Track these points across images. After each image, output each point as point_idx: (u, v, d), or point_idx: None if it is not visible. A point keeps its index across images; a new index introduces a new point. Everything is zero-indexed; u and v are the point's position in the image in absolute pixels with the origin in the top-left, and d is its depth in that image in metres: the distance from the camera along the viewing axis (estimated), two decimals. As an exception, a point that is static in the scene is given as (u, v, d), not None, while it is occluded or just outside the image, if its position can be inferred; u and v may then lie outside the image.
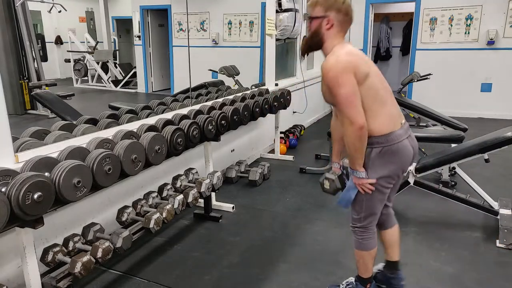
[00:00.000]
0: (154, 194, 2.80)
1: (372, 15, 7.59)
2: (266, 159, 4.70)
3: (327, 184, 2.04)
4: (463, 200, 2.99)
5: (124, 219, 2.54)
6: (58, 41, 8.96)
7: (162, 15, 8.07)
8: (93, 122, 2.76)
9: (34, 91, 5.11)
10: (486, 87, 6.78)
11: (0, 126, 1.84)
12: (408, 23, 8.71)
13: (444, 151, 3.17)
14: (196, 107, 3.34)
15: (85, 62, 8.75)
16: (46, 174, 1.82)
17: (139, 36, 8.32)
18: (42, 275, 2.01)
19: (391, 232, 2.11)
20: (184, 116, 3.00)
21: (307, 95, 6.11)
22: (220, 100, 3.75)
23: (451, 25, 6.81)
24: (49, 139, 2.30)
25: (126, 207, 2.60)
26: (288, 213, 3.28)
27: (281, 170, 4.30)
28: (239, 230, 2.99)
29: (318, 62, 7.25)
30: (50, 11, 7.06)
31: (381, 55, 9.23)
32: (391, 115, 1.82)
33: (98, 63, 8.92)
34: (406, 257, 2.57)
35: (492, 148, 2.83)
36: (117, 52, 9.82)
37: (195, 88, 4.40)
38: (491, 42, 6.53)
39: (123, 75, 9.09)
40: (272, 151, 4.89)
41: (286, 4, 5.14)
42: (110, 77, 9.10)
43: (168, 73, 8.01)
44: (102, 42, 9.44)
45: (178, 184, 3.02)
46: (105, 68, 9.07)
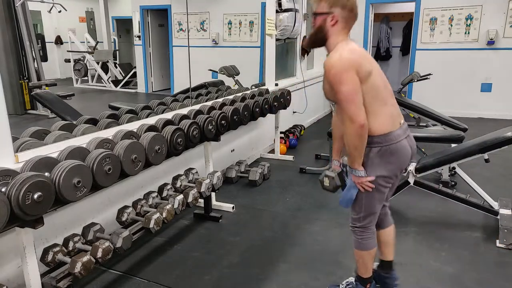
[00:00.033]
0: (154, 194, 2.80)
1: (372, 15, 7.59)
2: (266, 159, 4.70)
3: (326, 182, 2.03)
4: (463, 200, 2.99)
5: (124, 219, 2.54)
6: (58, 41, 8.96)
7: (162, 15, 8.07)
8: (93, 122, 2.76)
9: (34, 91, 5.10)
10: (486, 87, 6.78)
11: (0, 126, 1.84)
12: (408, 23, 8.71)
13: (444, 151, 3.17)
14: (196, 107, 3.34)
15: (85, 62, 8.75)
16: (46, 174, 1.82)
17: (139, 36, 8.31)
18: (42, 275, 2.01)
19: (387, 232, 2.11)
20: (184, 116, 3.00)
21: (307, 95, 6.11)
22: (220, 100, 3.75)
23: (451, 25, 6.81)
24: (49, 139, 2.30)
25: (126, 207, 2.60)
26: (288, 213, 3.28)
27: (281, 170, 4.30)
28: (239, 230, 2.99)
29: (318, 62, 7.25)
30: (50, 11, 7.06)
31: (381, 55, 9.23)
32: (391, 115, 1.82)
33: (98, 63, 8.92)
34: (406, 257, 2.58)
35: (492, 148, 2.83)
36: (117, 52, 9.81)
37: (195, 88, 4.40)
38: (491, 42, 6.53)
39: (123, 75, 9.09)
40: (272, 151, 4.89)
41: (286, 4, 5.15)
42: (110, 77, 9.10)
43: (168, 73, 8.01)
44: (102, 42, 9.44)
45: (178, 184, 3.02)
46: (105, 68, 9.07)
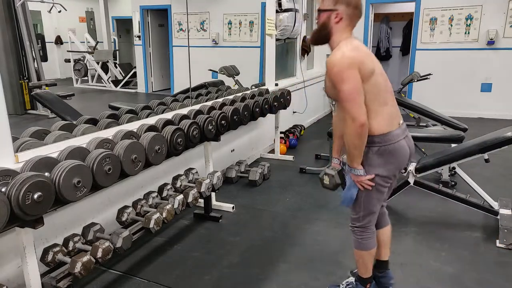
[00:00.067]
0: (154, 194, 2.80)
1: (372, 15, 7.59)
2: (266, 159, 4.70)
3: (326, 180, 2.03)
4: (463, 200, 2.99)
5: (124, 219, 2.54)
6: (58, 41, 8.96)
7: (162, 15, 8.07)
8: (93, 122, 2.76)
9: (34, 91, 5.10)
10: (486, 87, 6.78)
11: (0, 126, 1.84)
12: (408, 23, 8.70)
13: (444, 151, 3.17)
14: (196, 107, 3.34)
15: (85, 62, 8.75)
16: (46, 174, 1.82)
17: (139, 36, 8.31)
18: (42, 275, 2.01)
19: (384, 231, 2.12)
20: (184, 116, 3.00)
21: (307, 95, 6.11)
22: (220, 100, 3.75)
23: (451, 25, 6.81)
24: (49, 139, 2.30)
25: (126, 207, 2.60)
26: (288, 213, 3.28)
27: (281, 170, 4.30)
28: (239, 230, 2.99)
29: (318, 62, 7.26)
30: (50, 11, 7.06)
31: (381, 55, 9.22)
32: (391, 115, 1.82)
33: (98, 63, 8.92)
34: (406, 257, 2.58)
35: (492, 148, 2.83)
36: (117, 52, 9.82)
37: (195, 88, 4.40)
38: (491, 42, 6.53)
39: (123, 75, 9.09)
40: (272, 151, 4.89)
41: (286, 4, 5.15)
42: (110, 77, 9.10)
43: (168, 73, 8.01)
44: (102, 42, 9.44)
45: (178, 184, 3.02)
46: (105, 68, 9.07)
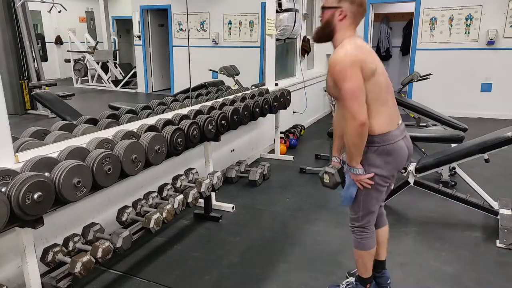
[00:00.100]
0: (154, 194, 2.80)
1: (372, 15, 7.59)
2: (266, 159, 4.70)
3: (326, 178, 2.03)
4: (463, 200, 2.99)
5: (124, 219, 2.54)
6: (58, 41, 8.96)
7: (162, 15, 8.07)
8: (93, 122, 2.76)
9: (34, 91, 5.11)
10: (486, 87, 6.78)
11: (0, 126, 1.84)
12: (408, 23, 8.70)
13: (444, 151, 3.17)
14: (196, 107, 3.34)
15: (85, 62, 8.75)
16: (46, 174, 1.82)
17: (139, 36, 8.31)
18: (42, 275, 2.01)
19: (382, 231, 2.12)
20: (184, 116, 3.00)
21: (307, 95, 6.11)
22: (220, 100, 3.75)
23: (451, 25, 6.81)
24: (49, 139, 2.30)
25: (126, 207, 2.60)
26: (288, 213, 3.28)
27: (281, 170, 4.30)
28: (239, 230, 2.99)
29: (318, 62, 7.26)
30: (50, 11, 7.05)
31: (381, 55, 9.22)
32: (390, 115, 1.82)
33: (98, 63, 8.92)
34: (406, 257, 2.58)
35: (492, 148, 2.83)
36: (117, 52, 9.82)
37: (195, 88, 4.40)
38: (491, 42, 6.53)
39: (123, 75, 9.09)
40: (272, 151, 4.89)
41: (286, 4, 5.15)
42: (110, 77, 9.10)
43: (168, 73, 8.01)
44: (102, 42, 9.44)
45: (178, 184, 3.02)
46: (105, 68, 9.07)
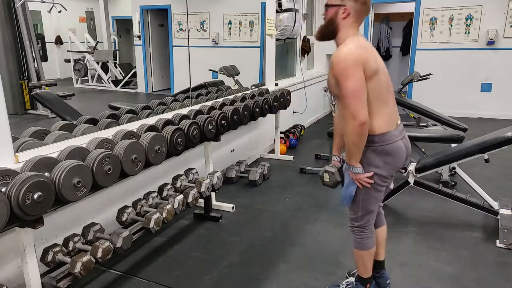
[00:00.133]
0: (154, 194, 2.80)
1: (372, 15, 7.59)
2: (266, 159, 4.70)
3: (326, 177, 2.03)
4: (463, 200, 2.99)
5: (124, 219, 2.54)
6: (58, 41, 8.96)
7: (162, 15, 8.07)
8: (93, 122, 2.76)
9: (34, 91, 5.11)
10: (486, 87, 6.78)
11: (0, 126, 1.84)
12: (408, 23, 8.70)
13: (444, 151, 3.17)
14: (196, 107, 3.34)
15: (85, 62, 8.75)
16: (46, 174, 1.82)
17: (139, 36, 8.32)
18: (42, 275, 2.01)
19: (380, 231, 2.13)
20: (184, 116, 3.00)
21: (307, 95, 6.11)
22: (220, 100, 3.75)
23: (451, 25, 6.81)
24: (49, 139, 2.30)
25: (126, 207, 2.60)
26: (288, 213, 3.28)
27: (281, 170, 4.30)
28: (239, 230, 2.99)
29: (318, 62, 7.26)
30: (50, 11, 7.06)
31: (381, 55, 9.06)
32: (390, 115, 1.82)
33: (98, 63, 8.92)
34: (406, 257, 2.58)
35: (492, 148, 2.83)
36: (117, 52, 9.82)
37: (195, 88, 4.40)
38: (491, 42, 6.53)
39: (123, 75, 9.09)
40: (272, 151, 4.89)
41: (286, 4, 5.15)
42: (110, 77, 9.10)
43: (168, 73, 8.01)
44: (102, 42, 9.44)
45: (178, 184, 3.02)
46: (105, 68, 9.07)
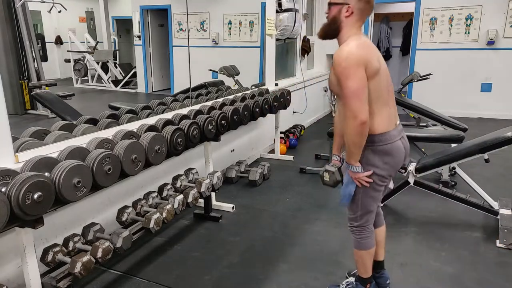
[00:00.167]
0: (154, 194, 2.80)
1: (372, 15, 7.58)
2: (266, 159, 4.70)
3: (327, 177, 2.02)
4: (463, 200, 2.99)
5: (124, 219, 2.54)
6: (58, 41, 8.95)
7: (162, 15, 8.07)
8: (93, 122, 2.76)
9: (34, 91, 5.11)
10: (486, 87, 6.78)
11: (0, 126, 1.84)
12: (408, 23, 8.69)
13: (444, 151, 3.17)
14: (196, 107, 3.34)
15: (85, 62, 8.75)
16: (46, 174, 1.82)
17: (139, 36, 8.32)
18: (42, 275, 2.01)
19: (379, 231, 2.13)
20: (184, 116, 3.00)
21: (307, 95, 6.11)
22: (220, 100, 3.75)
23: (451, 25, 6.81)
24: (49, 139, 2.30)
25: (126, 207, 2.60)
26: (288, 213, 3.28)
27: (281, 170, 4.30)
28: (239, 230, 2.99)
29: (318, 62, 7.26)
30: (50, 11, 7.05)
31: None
32: (389, 115, 1.83)
33: (98, 63, 8.92)
34: (406, 257, 2.58)
35: (492, 148, 2.83)
36: (117, 52, 9.81)
37: (195, 88, 4.40)
38: (491, 42, 6.53)
39: (123, 75, 9.09)
40: (272, 151, 4.89)
41: (286, 4, 5.15)
42: (110, 77, 9.10)
43: (168, 73, 8.01)
44: (102, 42, 9.44)
45: (178, 184, 3.02)
46: (105, 68, 9.07)
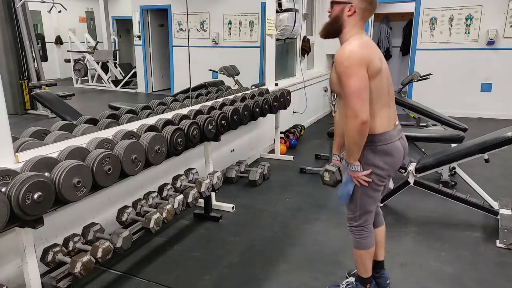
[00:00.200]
0: (154, 194, 2.80)
1: (372, 15, 7.59)
2: (266, 159, 4.70)
3: (327, 176, 2.02)
4: (463, 200, 2.99)
5: (124, 219, 2.54)
6: (58, 41, 8.95)
7: (162, 15, 8.07)
8: (93, 122, 2.76)
9: (34, 91, 5.10)
10: (486, 87, 6.78)
11: (0, 126, 1.84)
12: (408, 23, 8.70)
13: (444, 151, 3.17)
14: (196, 107, 3.34)
15: (85, 62, 8.74)
16: (46, 174, 1.82)
17: (139, 36, 8.31)
18: (42, 275, 2.01)
19: (378, 231, 2.13)
20: (184, 116, 3.00)
21: (307, 95, 6.11)
22: (220, 100, 3.75)
23: (451, 25, 6.81)
24: (49, 139, 2.30)
25: (126, 207, 2.60)
26: (288, 213, 3.28)
27: (281, 170, 4.30)
28: (239, 230, 2.99)
29: (318, 62, 7.26)
30: (50, 11, 7.05)
31: (381, 55, 9.21)
32: (389, 115, 1.83)
33: (98, 63, 8.92)
34: (406, 257, 2.58)
35: (492, 148, 2.83)
36: (117, 52, 9.81)
37: (195, 88, 4.40)
38: (491, 42, 6.53)
39: (123, 75, 9.09)
40: (272, 151, 4.89)
41: (286, 4, 5.15)
42: (110, 77, 9.09)
43: (168, 73, 8.01)
44: (102, 42, 9.43)
45: (178, 184, 3.02)
46: (105, 68, 9.07)
